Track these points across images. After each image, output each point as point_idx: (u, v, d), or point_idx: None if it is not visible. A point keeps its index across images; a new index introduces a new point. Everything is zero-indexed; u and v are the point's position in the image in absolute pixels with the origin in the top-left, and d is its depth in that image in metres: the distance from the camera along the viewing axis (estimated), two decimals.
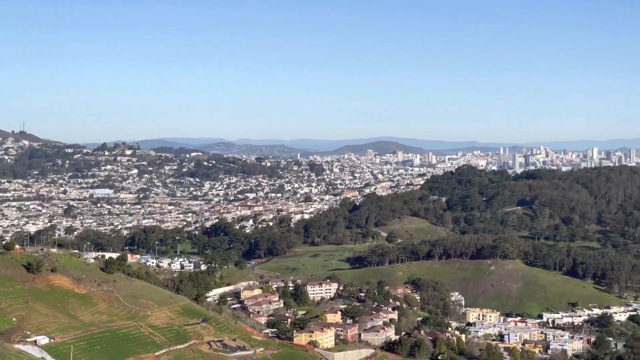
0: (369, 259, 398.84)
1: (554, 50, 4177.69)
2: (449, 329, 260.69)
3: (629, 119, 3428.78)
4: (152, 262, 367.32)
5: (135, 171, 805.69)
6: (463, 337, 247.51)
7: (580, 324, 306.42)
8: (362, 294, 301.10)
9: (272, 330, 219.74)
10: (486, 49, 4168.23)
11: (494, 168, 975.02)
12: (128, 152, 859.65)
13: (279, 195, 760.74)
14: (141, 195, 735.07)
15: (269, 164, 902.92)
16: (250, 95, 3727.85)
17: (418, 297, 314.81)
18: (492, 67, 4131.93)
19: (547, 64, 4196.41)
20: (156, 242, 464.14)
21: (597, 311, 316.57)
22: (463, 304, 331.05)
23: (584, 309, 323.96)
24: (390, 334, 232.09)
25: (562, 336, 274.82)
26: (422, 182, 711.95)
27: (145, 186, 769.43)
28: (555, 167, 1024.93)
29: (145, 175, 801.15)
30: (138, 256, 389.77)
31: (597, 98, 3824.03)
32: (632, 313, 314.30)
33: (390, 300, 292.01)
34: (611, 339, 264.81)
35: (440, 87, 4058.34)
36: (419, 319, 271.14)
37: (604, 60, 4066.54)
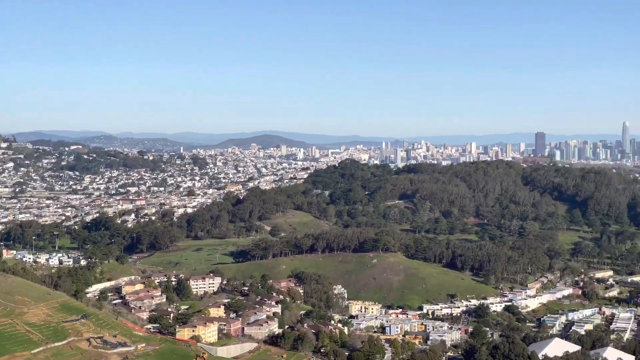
0: (252, 252, 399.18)
1: (432, 45, 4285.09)
2: (332, 321, 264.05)
3: (506, 115, 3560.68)
4: (29, 258, 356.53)
5: (10, 164, 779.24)
6: (346, 329, 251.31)
7: (458, 314, 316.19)
8: (246, 288, 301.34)
9: (154, 325, 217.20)
10: (367, 42, 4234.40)
11: (377, 162, 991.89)
12: (3, 144, 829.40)
13: (162, 189, 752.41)
14: (17, 190, 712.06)
15: (151, 158, 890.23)
16: (132, 88, 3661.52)
17: (301, 291, 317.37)
18: (374, 62, 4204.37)
19: (427, 60, 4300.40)
20: (33, 237, 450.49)
21: (474, 302, 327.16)
22: (346, 296, 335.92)
23: (462, 300, 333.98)
24: (274, 327, 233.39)
25: (441, 327, 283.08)
26: (305, 176, 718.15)
27: (21, 180, 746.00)
28: (435, 162, 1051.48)
29: (22, 168, 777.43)
30: (14, 252, 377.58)
31: (475, 94, 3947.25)
32: (507, 303, 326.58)
33: (274, 294, 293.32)
34: (488, 329, 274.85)
35: (323, 82, 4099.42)
36: (302, 312, 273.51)
37: (481, 56, 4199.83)
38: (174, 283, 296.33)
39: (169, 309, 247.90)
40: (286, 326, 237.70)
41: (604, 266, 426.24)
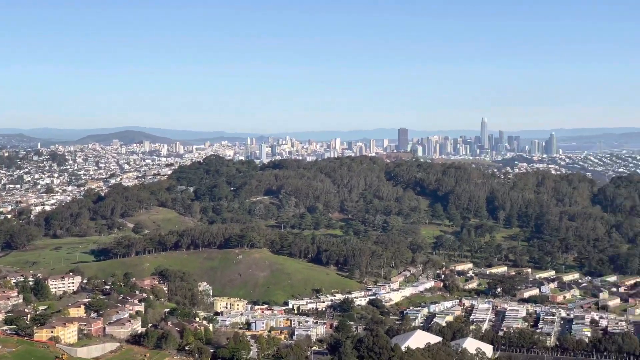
0: (114, 250, 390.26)
1: (297, 40, 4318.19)
2: (197, 319, 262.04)
3: (370, 111, 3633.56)
4: None
5: None
6: (211, 326, 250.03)
7: (323, 309, 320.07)
8: (108, 287, 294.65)
9: (11, 327, 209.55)
10: (226, 37, 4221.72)
11: (242, 158, 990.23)
12: None
13: (18, 186, 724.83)
14: None
15: (6, 154, 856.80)
16: None
17: (166, 288, 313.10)
18: (237, 57, 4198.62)
19: (292, 55, 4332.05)
20: None
21: (339, 296, 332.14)
22: (211, 293, 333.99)
23: (328, 295, 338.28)
24: (137, 326, 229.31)
25: (306, 322, 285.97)
26: (169, 172, 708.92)
27: None
28: (300, 157, 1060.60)
29: None
30: None
31: (339, 90, 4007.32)
32: (371, 297, 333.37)
33: (137, 292, 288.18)
34: (352, 322, 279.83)
35: (186, 77, 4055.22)
36: (167, 310, 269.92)
37: (344, 52, 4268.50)
38: (31, 283, 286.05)
39: (26, 310, 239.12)
40: (149, 325, 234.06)
41: (464, 259, 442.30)
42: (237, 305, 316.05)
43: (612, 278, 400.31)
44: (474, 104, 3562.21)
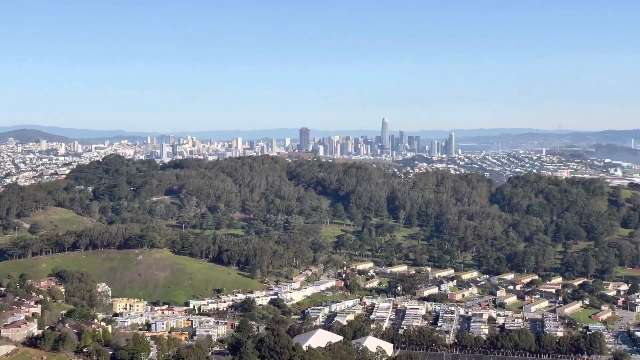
0: (10, 251, 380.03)
1: (196, 40, 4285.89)
2: (96, 320, 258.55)
3: (271, 111, 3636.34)
4: None
5: None
6: (110, 328, 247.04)
7: (225, 309, 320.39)
8: (3, 289, 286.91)
9: None
10: (132, 36, 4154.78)
11: (142, 157, 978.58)
12: None
13: None
14: None
15: None
16: None
17: (63, 290, 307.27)
18: (137, 56, 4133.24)
19: (190, 54, 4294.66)
20: None
21: (241, 296, 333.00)
22: (110, 294, 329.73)
23: (229, 295, 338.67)
24: (33, 328, 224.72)
25: (207, 322, 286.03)
26: (67, 172, 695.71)
27: None
28: (202, 157, 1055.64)
29: None
30: None
31: (241, 89, 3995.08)
32: (273, 297, 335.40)
33: (34, 293, 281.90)
34: (253, 322, 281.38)
35: (84, 75, 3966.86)
36: (64, 311, 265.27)
37: (243, 52, 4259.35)
38: None
39: None
40: (46, 327, 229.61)
41: (365, 258, 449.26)
42: (137, 306, 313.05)
43: (509, 276, 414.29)
44: (375, 104, 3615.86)
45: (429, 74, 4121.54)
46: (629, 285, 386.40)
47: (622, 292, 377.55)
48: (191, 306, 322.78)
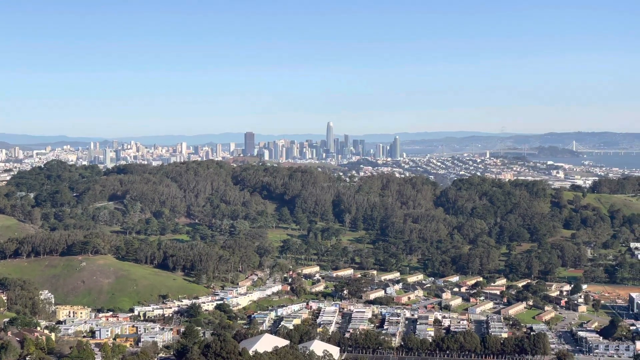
0: None
1: (142, 44, 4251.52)
2: (39, 328, 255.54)
3: (216, 115, 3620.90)
4: None
5: None
6: (53, 335, 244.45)
7: (170, 315, 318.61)
8: None
9: None
10: (73, 41, 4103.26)
11: (85, 163, 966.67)
12: None
13: None
14: None
15: None
16: None
17: (5, 298, 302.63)
18: (81, 62, 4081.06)
19: (136, 59, 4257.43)
20: None
21: (186, 302, 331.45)
22: (53, 302, 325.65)
23: (174, 301, 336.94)
24: None
25: (152, 328, 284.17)
26: (8, 178, 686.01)
27: None
28: (146, 162, 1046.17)
29: None
30: None
31: (184, 94, 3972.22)
32: (219, 302, 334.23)
33: None
34: (199, 328, 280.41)
35: (26, 80, 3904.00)
36: (6, 319, 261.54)
37: (188, 56, 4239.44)
38: None
39: None
40: None
41: (311, 262, 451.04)
42: (81, 313, 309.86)
43: (454, 278, 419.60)
44: (320, 108, 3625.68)
45: (373, 79, 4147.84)
46: (572, 285, 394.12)
47: (564, 293, 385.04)
48: (136, 312, 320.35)
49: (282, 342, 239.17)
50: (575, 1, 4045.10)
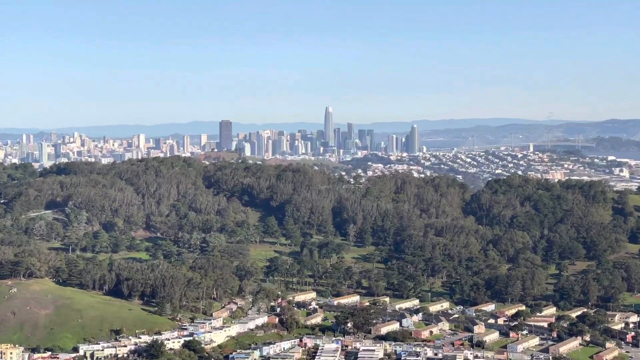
0: None
1: (81, 17, 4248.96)
2: None
3: (183, 99, 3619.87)
4: None
5: None
6: None
7: (126, 355, 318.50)
8: None
9: None
10: None
11: (16, 161, 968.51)
12: None
13: None
14: None
15: None
16: None
17: None
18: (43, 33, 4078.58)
19: (76, 30, 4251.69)
20: None
21: (146, 338, 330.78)
22: None
23: (130, 337, 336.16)
24: None
25: None
26: None
27: None
28: (93, 159, 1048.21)
29: None
30: None
31: (139, 73, 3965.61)
32: (187, 338, 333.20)
33: None
34: None
35: None
36: None
37: (146, 28, 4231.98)
38: None
39: None
40: None
41: (305, 287, 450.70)
42: (11, 353, 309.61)
43: (489, 307, 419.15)
44: (316, 90, 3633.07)
45: (384, 56, 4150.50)
46: None
47: (631, 325, 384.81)
48: (81, 352, 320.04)
49: None
50: None
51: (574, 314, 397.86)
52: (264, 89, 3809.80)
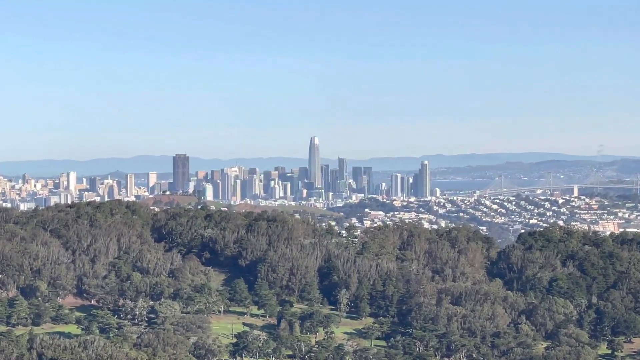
0: None
1: None
2: None
3: (125, 127, 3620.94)
4: None
5: None
6: None
7: None
8: None
9: None
10: None
11: None
12: None
13: None
14: None
15: None
16: None
17: None
18: None
19: None
20: None
21: None
22: None
23: None
24: None
25: None
26: None
27: None
28: (9, 204, 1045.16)
29: None
30: None
31: (75, 96, 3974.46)
32: None
33: None
34: None
35: None
36: None
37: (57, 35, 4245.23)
38: None
39: None
40: None
41: None
42: None
43: None
44: (298, 118, 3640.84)
45: (384, 74, 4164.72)
46: None
47: None
48: None
49: None
50: None
51: None
52: (232, 115, 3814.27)
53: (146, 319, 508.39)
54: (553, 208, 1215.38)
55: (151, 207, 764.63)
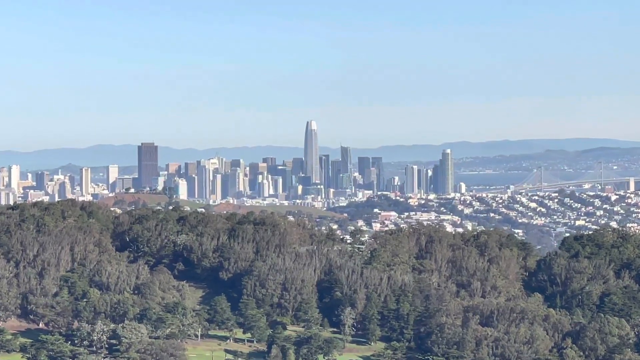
0: None
1: None
2: None
3: (81, 113, 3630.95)
4: None
5: None
6: None
7: None
8: None
9: None
10: None
11: None
12: None
13: None
14: None
15: None
16: None
17: None
18: None
19: None
20: None
21: None
22: None
23: None
24: None
25: None
26: None
27: None
28: None
29: None
30: None
31: (22, 77, 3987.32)
32: None
33: None
34: None
35: None
36: None
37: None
38: None
39: None
40: None
41: None
42: None
43: None
44: (292, 99, 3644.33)
45: (396, 45, 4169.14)
46: None
47: None
48: None
49: None
50: None
51: None
52: (208, 94, 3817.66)
53: (106, 346, 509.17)
54: (604, 206, 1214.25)
55: (112, 209, 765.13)
